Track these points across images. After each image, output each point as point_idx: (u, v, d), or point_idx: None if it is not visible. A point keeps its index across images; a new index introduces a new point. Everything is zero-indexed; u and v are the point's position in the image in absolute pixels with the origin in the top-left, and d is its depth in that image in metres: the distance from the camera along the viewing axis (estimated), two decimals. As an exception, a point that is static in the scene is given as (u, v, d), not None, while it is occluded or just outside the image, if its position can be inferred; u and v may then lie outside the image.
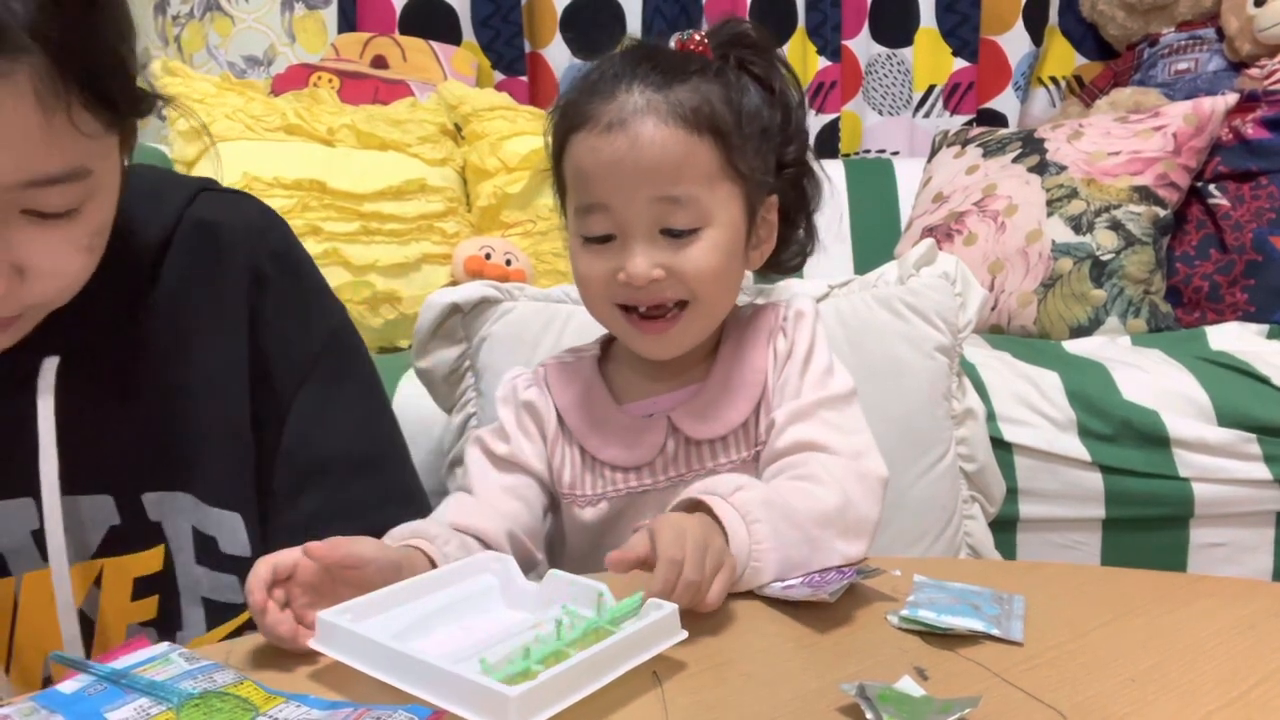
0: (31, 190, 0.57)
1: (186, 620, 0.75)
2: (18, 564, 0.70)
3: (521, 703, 0.45)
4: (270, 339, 0.75)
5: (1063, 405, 1.25)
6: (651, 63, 0.75)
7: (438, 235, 1.74)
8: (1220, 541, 1.26)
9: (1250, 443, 1.22)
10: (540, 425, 0.84)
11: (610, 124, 0.73)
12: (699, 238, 0.75)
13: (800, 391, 0.78)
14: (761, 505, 0.65)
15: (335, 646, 0.53)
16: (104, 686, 0.49)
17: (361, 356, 0.81)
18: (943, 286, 1.13)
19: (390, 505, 0.77)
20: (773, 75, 0.81)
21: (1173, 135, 1.67)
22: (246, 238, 0.76)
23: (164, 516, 0.73)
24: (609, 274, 0.76)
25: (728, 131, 0.75)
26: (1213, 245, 1.65)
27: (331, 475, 0.75)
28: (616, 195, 0.74)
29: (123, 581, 0.73)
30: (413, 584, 0.60)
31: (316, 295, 0.80)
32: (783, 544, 0.64)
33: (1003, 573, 0.72)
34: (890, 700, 0.48)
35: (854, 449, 0.75)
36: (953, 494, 1.12)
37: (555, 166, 0.81)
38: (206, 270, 0.74)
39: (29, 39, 0.53)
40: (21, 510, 0.69)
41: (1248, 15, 1.92)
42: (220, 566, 0.74)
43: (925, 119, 2.32)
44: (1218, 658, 0.55)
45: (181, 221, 0.74)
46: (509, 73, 2.31)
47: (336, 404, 0.77)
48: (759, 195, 0.79)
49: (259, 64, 2.38)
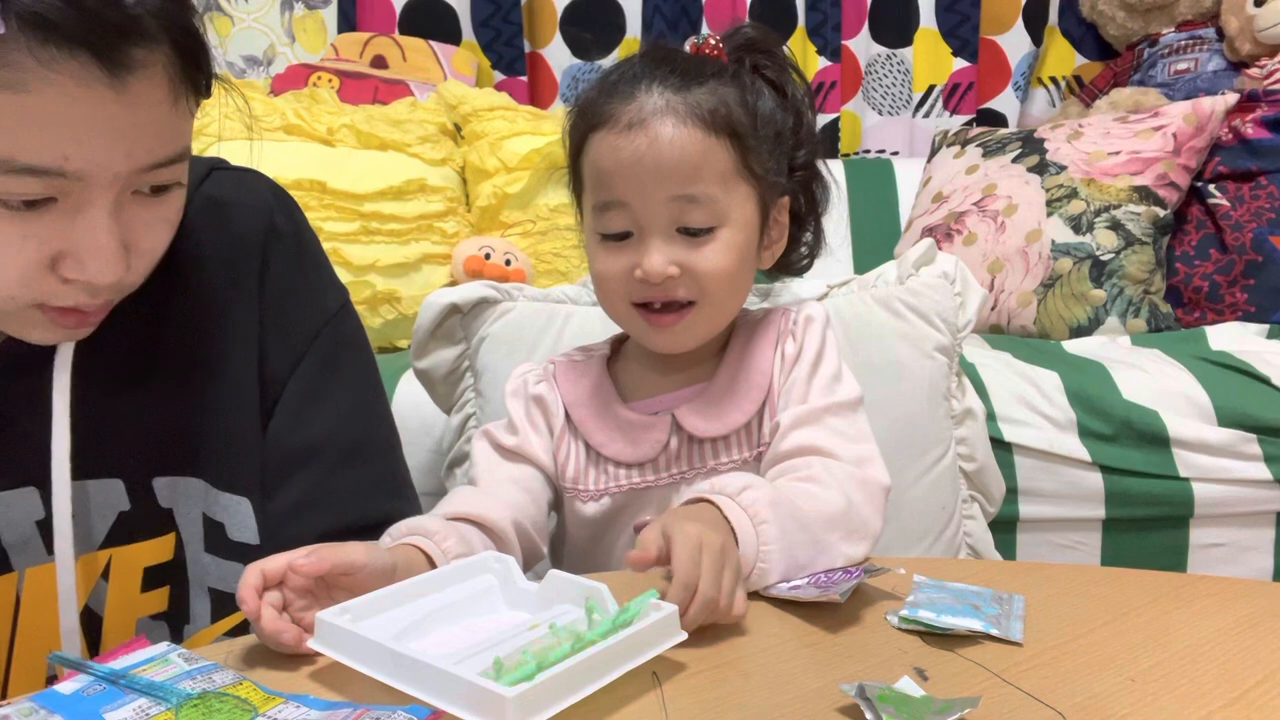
0: (155, 171, 0.60)
1: (194, 613, 0.75)
2: (20, 558, 0.69)
3: (519, 703, 0.45)
4: (269, 318, 0.75)
5: (1063, 405, 1.25)
6: (670, 65, 0.77)
7: (437, 235, 1.74)
8: (1220, 541, 1.26)
9: (1250, 443, 1.22)
10: (548, 419, 0.85)
11: (630, 123, 0.74)
12: (714, 237, 0.76)
13: (807, 396, 0.78)
14: (769, 506, 0.65)
15: (334, 647, 0.53)
16: (103, 687, 0.49)
17: (360, 343, 0.81)
18: (942, 286, 1.13)
19: (377, 495, 0.76)
20: (785, 80, 0.83)
21: (1173, 135, 1.67)
22: (256, 217, 0.76)
23: (175, 503, 0.73)
24: (625, 270, 0.77)
25: (744, 133, 0.76)
26: (1213, 245, 1.65)
27: (317, 461, 0.75)
28: (635, 193, 0.75)
29: (132, 572, 0.72)
30: (412, 584, 0.60)
31: (318, 277, 0.80)
32: (790, 545, 0.64)
33: (1003, 573, 0.72)
34: (890, 700, 0.48)
35: (858, 456, 0.76)
36: (952, 494, 1.12)
37: (573, 165, 0.82)
38: (219, 251, 0.74)
39: (160, 29, 0.57)
40: (26, 500, 0.68)
41: (1248, 15, 1.92)
42: (228, 554, 0.73)
43: (925, 119, 2.32)
44: (1218, 658, 0.55)
45: (195, 199, 0.74)
46: (509, 73, 2.31)
47: (329, 389, 0.76)
48: (772, 196, 0.80)
49: (258, 64, 2.38)
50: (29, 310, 0.61)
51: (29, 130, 0.54)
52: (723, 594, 0.57)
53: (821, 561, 0.67)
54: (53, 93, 0.53)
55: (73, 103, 0.54)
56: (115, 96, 0.55)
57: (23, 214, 0.56)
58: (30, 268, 0.58)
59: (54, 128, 0.54)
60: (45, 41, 0.52)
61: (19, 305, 0.60)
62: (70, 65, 0.53)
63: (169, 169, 0.61)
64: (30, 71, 0.53)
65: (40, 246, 0.58)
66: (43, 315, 0.61)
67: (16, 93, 0.53)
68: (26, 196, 0.56)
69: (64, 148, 0.55)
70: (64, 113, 0.54)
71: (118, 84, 0.55)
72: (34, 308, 0.61)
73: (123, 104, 0.56)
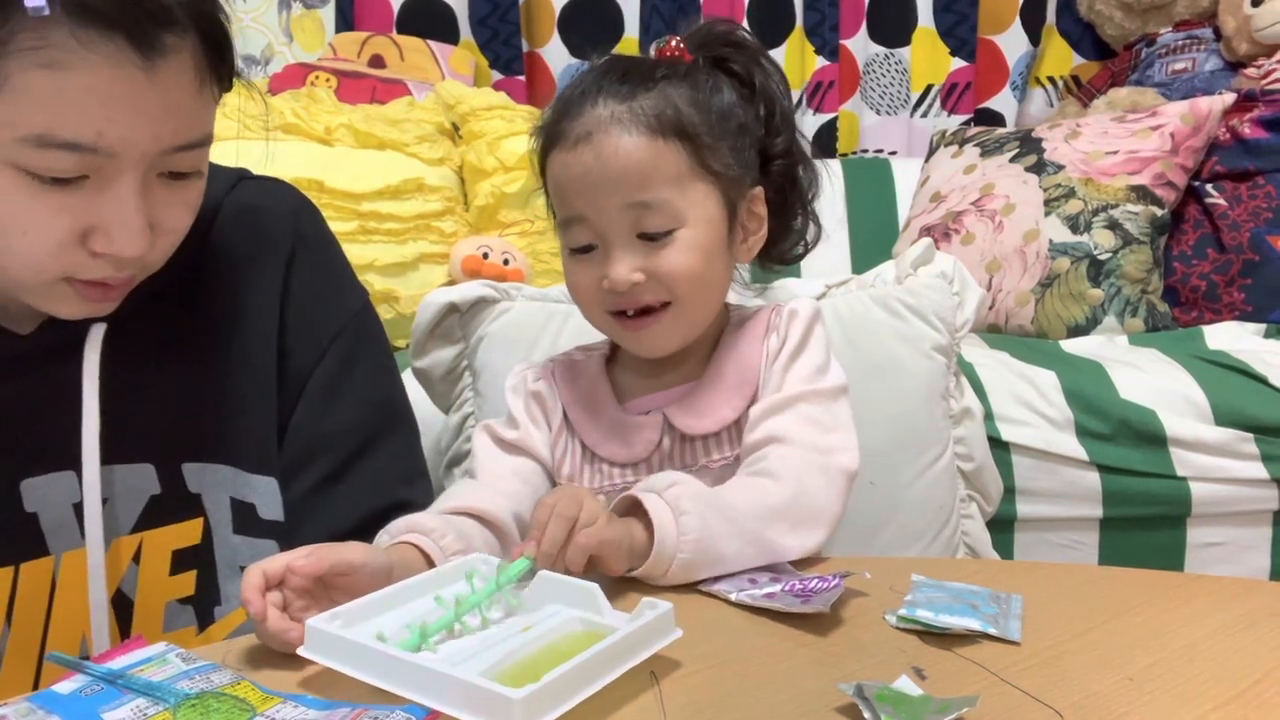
0: (179, 154, 0.63)
1: (225, 594, 0.77)
2: (57, 541, 0.71)
3: (526, 705, 0.45)
4: (294, 315, 0.79)
5: (1060, 405, 1.25)
6: (618, 75, 0.78)
7: (435, 235, 1.74)
8: (1217, 541, 1.26)
9: (1247, 442, 1.22)
10: (547, 415, 0.86)
11: (578, 139, 0.77)
12: (674, 239, 0.77)
13: (782, 386, 0.79)
14: (692, 499, 0.66)
15: (328, 654, 0.52)
16: (101, 687, 0.49)
17: (380, 341, 0.85)
18: (940, 286, 1.13)
19: (393, 482, 0.80)
20: (754, 70, 0.83)
21: (1170, 135, 1.67)
22: (283, 220, 0.81)
23: (204, 489, 0.75)
24: (595, 282, 0.78)
25: (695, 132, 0.77)
26: (1210, 245, 1.65)
27: (335, 450, 0.78)
28: (590, 206, 0.77)
29: (162, 555, 0.75)
30: (402, 588, 0.59)
31: (340, 279, 0.84)
32: (712, 536, 0.66)
33: (1000, 572, 0.72)
34: (888, 700, 0.48)
35: (825, 444, 0.76)
36: (950, 493, 1.12)
37: (542, 185, 0.85)
38: (247, 249, 0.78)
39: (189, 18, 0.61)
40: (63, 483, 0.70)
41: (1245, 15, 1.92)
42: (260, 533, 0.76)
43: (923, 119, 2.32)
44: (1215, 657, 0.55)
45: (224, 205, 0.79)
46: (507, 72, 2.31)
47: (349, 383, 0.80)
48: (738, 190, 0.81)
49: (256, 63, 2.37)
50: (57, 284, 0.64)
51: (66, 107, 0.57)
52: (581, 519, 0.61)
53: (762, 555, 0.68)
54: (90, 72, 0.57)
55: (108, 82, 0.58)
56: (146, 79, 0.59)
57: (56, 189, 0.60)
58: (61, 241, 0.61)
59: (90, 105, 0.58)
60: (85, 24, 0.56)
61: (48, 279, 0.64)
62: (107, 47, 0.57)
63: (192, 154, 0.65)
64: (71, 51, 0.56)
65: (72, 221, 0.61)
66: (70, 289, 0.65)
67: (56, 71, 0.57)
68: (61, 173, 0.59)
69: (98, 124, 0.58)
70: (100, 90, 0.58)
71: (149, 66, 0.59)
72: (62, 281, 0.64)
73: (153, 86, 0.60)
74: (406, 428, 0.84)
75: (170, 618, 0.75)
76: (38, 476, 0.70)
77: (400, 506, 0.75)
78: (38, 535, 0.70)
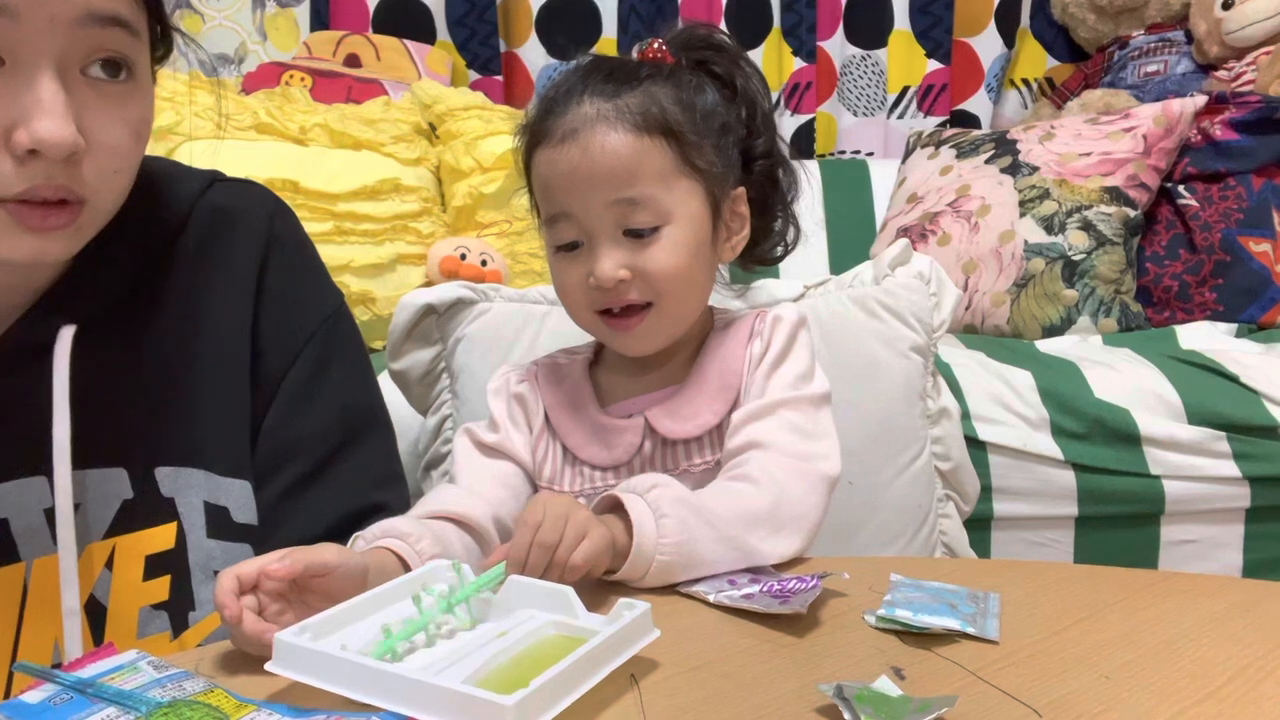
0: (96, 29, 0.60)
1: (199, 599, 0.75)
2: (28, 548, 0.70)
3: (519, 711, 0.44)
4: (267, 318, 0.77)
5: (1036, 404, 1.26)
6: (603, 73, 0.79)
7: (412, 235, 1.73)
8: (1191, 538, 1.27)
9: (1220, 440, 1.24)
10: (528, 417, 0.86)
11: (564, 136, 0.76)
12: (660, 236, 0.77)
13: (765, 392, 0.79)
14: (673, 502, 0.66)
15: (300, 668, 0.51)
16: (70, 696, 0.48)
17: (354, 343, 0.84)
18: (917, 286, 1.14)
19: (367, 485, 0.79)
20: (735, 73, 0.84)
21: (1143, 137, 1.69)
22: (257, 222, 0.79)
23: (177, 493, 0.74)
24: (581, 280, 0.78)
25: (680, 130, 0.77)
26: (1182, 245, 1.68)
27: (308, 452, 0.77)
28: (576, 202, 0.77)
29: (135, 561, 0.73)
30: (370, 597, 0.58)
31: (314, 281, 0.83)
32: (693, 539, 0.66)
33: (978, 571, 0.73)
34: (868, 700, 0.48)
35: (807, 451, 0.76)
36: (928, 493, 1.12)
37: (526, 183, 0.84)
38: (220, 251, 0.77)
39: None
40: (34, 488, 0.69)
41: (1216, 18, 1.95)
42: (234, 537, 0.75)
43: (899, 120, 2.34)
44: (1191, 654, 0.56)
45: (197, 206, 0.77)
46: (484, 72, 2.30)
47: (322, 386, 0.79)
48: (722, 189, 0.81)
49: (230, 62, 2.35)
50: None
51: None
52: (564, 543, 0.61)
53: (742, 559, 0.68)
54: None
55: None
56: None
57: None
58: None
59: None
60: None
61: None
62: None
63: (112, 33, 0.61)
64: None
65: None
66: (6, 215, 0.61)
67: None
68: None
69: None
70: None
71: None
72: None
73: None
74: (382, 430, 0.83)
75: (144, 623, 0.74)
76: (8, 482, 0.69)
77: (375, 509, 0.74)
78: (9, 541, 0.69)
